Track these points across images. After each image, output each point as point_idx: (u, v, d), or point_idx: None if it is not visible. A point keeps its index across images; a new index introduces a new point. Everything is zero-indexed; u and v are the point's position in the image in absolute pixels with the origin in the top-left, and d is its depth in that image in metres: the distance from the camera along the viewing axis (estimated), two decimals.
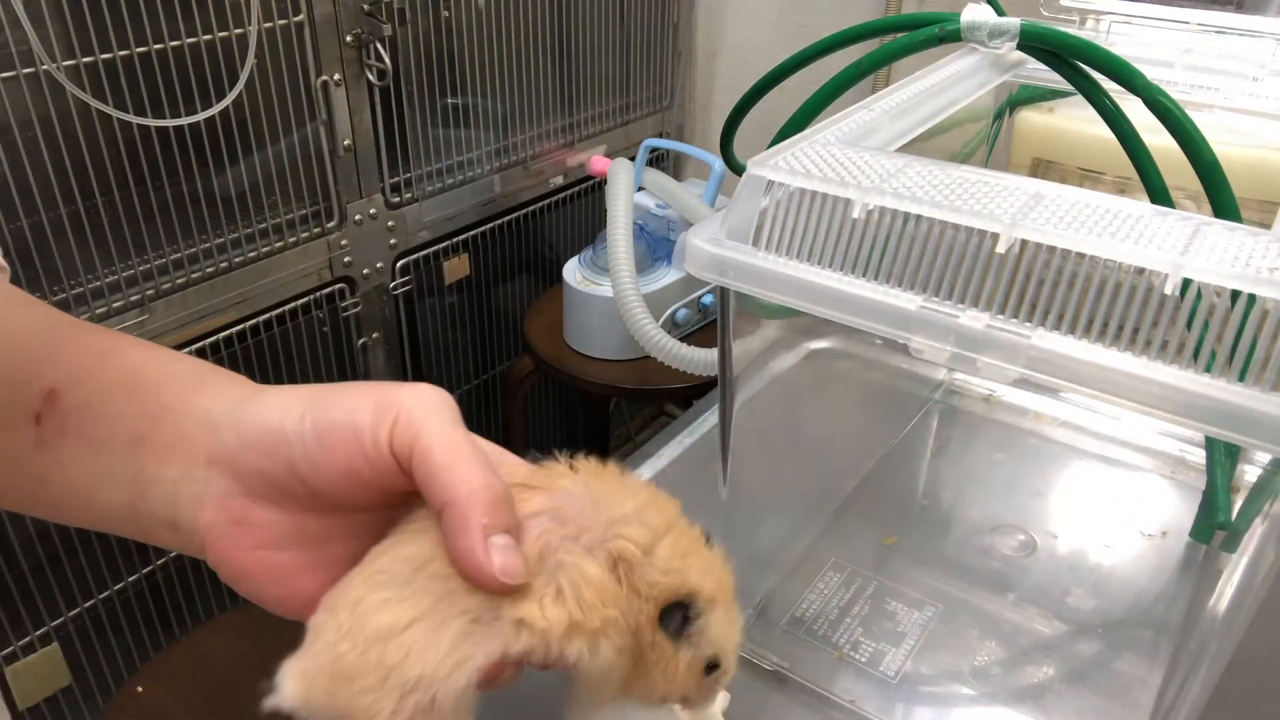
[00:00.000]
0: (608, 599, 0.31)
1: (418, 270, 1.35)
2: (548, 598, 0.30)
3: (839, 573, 0.61)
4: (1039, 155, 0.71)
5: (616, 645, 0.32)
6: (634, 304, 1.10)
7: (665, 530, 0.33)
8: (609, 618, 0.31)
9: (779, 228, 0.42)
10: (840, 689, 0.53)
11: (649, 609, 0.32)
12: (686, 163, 1.72)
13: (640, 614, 0.32)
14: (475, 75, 1.32)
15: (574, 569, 0.31)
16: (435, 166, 1.32)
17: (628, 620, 0.32)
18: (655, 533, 0.33)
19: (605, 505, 0.32)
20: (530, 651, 0.30)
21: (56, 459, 0.31)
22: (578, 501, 0.32)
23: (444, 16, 1.24)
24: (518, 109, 1.41)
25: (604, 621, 0.31)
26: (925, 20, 0.60)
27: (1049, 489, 0.70)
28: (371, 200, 1.24)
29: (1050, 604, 0.59)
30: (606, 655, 0.31)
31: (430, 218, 1.34)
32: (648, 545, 0.32)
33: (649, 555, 0.32)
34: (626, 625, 0.32)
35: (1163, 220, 0.38)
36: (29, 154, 0.90)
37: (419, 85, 1.25)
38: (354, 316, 1.26)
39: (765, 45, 1.61)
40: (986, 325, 0.37)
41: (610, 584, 0.31)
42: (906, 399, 0.78)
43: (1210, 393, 0.33)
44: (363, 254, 1.25)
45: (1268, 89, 0.61)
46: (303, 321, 1.20)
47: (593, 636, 0.31)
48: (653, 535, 0.32)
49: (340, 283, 1.24)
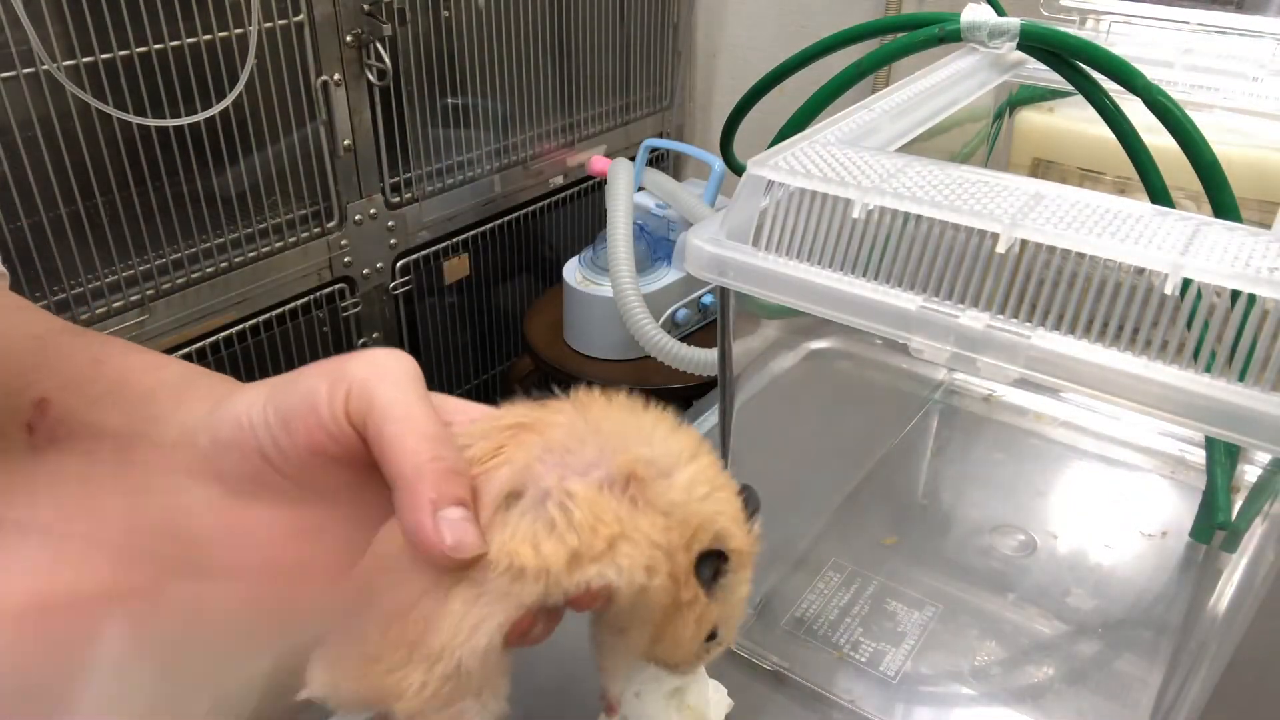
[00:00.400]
0: (607, 517, 0.29)
1: (418, 270, 1.35)
2: (541, 535, 0.29)
3: (839, 573, 0.61)
4: (1039, 155, 0.71)
5: (642, 562, 0.29)
6: (634, 304, 1.10)
7: (689, 457, 0.31)
8: (614, 535, 0.29)
9: (779, 228, 0.42)
10: (840, 689, 0.53)
11: (682, 533, 0.30)
12: (686, 163, 1.72)
13: (671, 534, 0.30)
14: (475, 75, 1.32)
15: (560, 493, 0.29)
16: (435, 166, 1.32)
17: (652, 538, 0.30)
18: (674, 456, 0.31)
19: (609, 433, 0.30)
20: (546, 595, 0.29)
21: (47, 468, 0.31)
22: (576, 432, 0.30)
23: (444, 16, 1.24)
24: (518, 109, 1.41)
25: (610, 540, 0.29)
26: (925, 20, 0.60)
27: (1049, 489, 0.70)
28: (371, 200, 1.24)
29: (1050, 604, 0.59)
30: (633, 576, 0.29)
31: (430, 218, 1.34)
32: (665, 467, 0.30)
33: (667, 477, 0.30)
34: (651, 542, 0.30)
35: (1163, 220, 0.38)
36: (29, 154, 0.90)
37: (419, 85, 1.25)
38: (354, 316, 1.26)
39: (765, 45, 1.61)
40: (986, 325, 0.37)
41: (609, 501, 0.29)
42: (906, 399, 0.78)
43: (1210, 393, 0.33)
44: (363, 254, 1.25)
45: (1268, 89, 0.61)
46: (303, 322, 1.21)
47: (602, 559, 0.29)
48: (671, 458, 0.31)
49: (340, 283, 1.24)
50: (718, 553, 0.32)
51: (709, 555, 0.31)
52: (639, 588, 0.30)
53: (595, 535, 0.29)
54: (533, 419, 0.31)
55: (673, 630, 0.32)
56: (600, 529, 0.29)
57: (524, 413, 0.31)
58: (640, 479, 0.30)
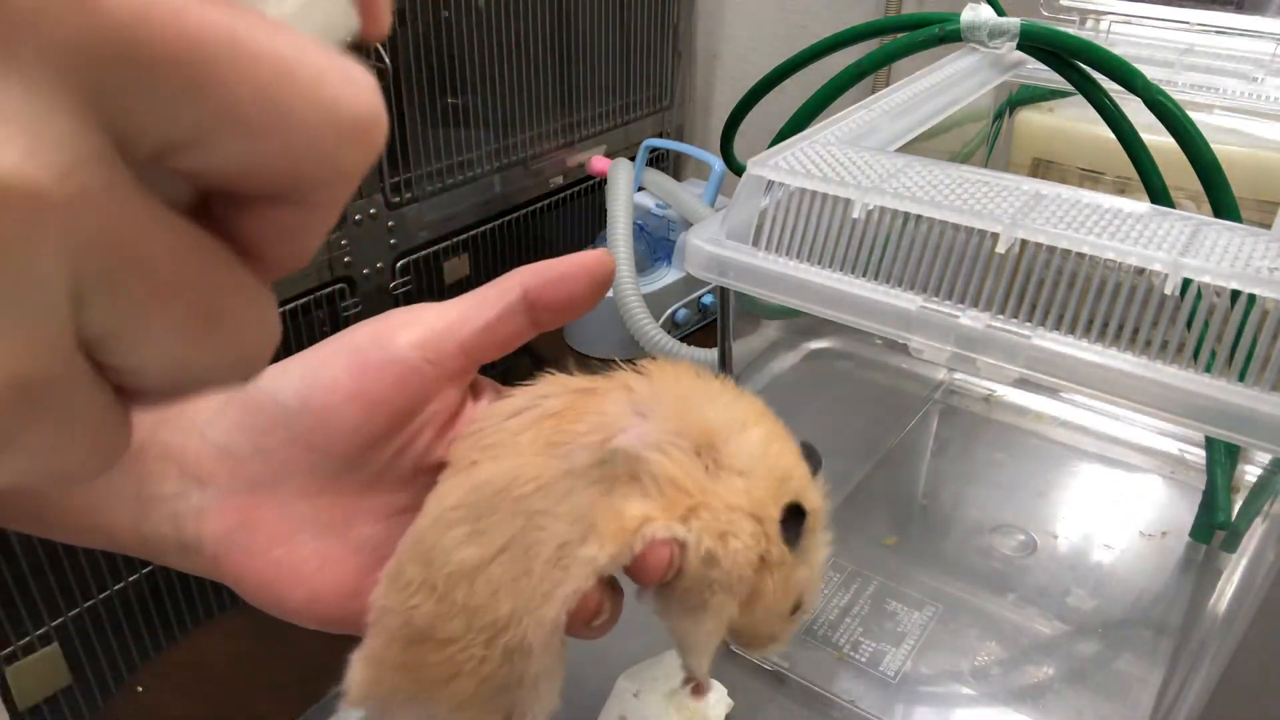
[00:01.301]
0: (689, 487, 0.28)
1: (418, 270, 1.35)
2: (625, 495, 0.28)
3: (839, 573, 0.61)
4: (1039, 155, 0.71)
5: (718, 528, 0.28)
6: (634, 304, 1.10)
7: (755, 419, 0.30)
8: (694, 501, 0.28)
9: (779, 228, 0.42)
10: (840, 689, 0.53)
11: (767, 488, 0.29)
12: (686, 163, 1.72)
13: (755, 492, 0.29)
14: (475, 75, 1.32)
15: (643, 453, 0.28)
16: (435, 166, 1.32)
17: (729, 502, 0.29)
18: (742, 419, 0.30)
19: (679, 397, 0.30)
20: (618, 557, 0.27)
21: None
22: (648, 396, 0.29)
23: (444, 16, 1.24)
24: (518, 109, 1.41)
25: (689, 509, 0.28)
26: (925, 20, 0.60)
27: (1049, 489, 0.70)
28: (371, 200, 1.24)
29: (1050, 604, 0.59)
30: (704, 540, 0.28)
31: (430, 218, 1.34)
32: (736, 429, 0.30)
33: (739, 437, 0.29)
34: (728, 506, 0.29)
35: (1163, 220, 0.38)
36: None
37: (419, 85, 1.25)
38: (354, 317, 1.26)
39: (765, 45, 1.61)
40: (986, 325, 0.37)
41: (690, 471, 0.28)
42: (906, 399, 0.78)
43: (1210, 393, 0.33)
44: (362, 254, 1.25)
45: (1268, 89, 0.61)
46: (303, 322, 1.20)
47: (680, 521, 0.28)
48: (739, 421, 0.30)
49: (340, 283, 1.24)
50: (799, 509, 0.30)
51: (792, 513, 0.30)
52: (707, 555, 0.28)
53: (680, 503, 0.28)
54: (602, 384, 0.30)
55: (761, 598, 0.31)
56: (683, 498, 0.28)
57: (584, 379, 0.30)
58: (713, 445, 0.29)
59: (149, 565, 1.15)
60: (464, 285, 1.45)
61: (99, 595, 1.10)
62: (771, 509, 0.29)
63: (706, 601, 0.30)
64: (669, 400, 0.29)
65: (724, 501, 0.29)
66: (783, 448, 0.31)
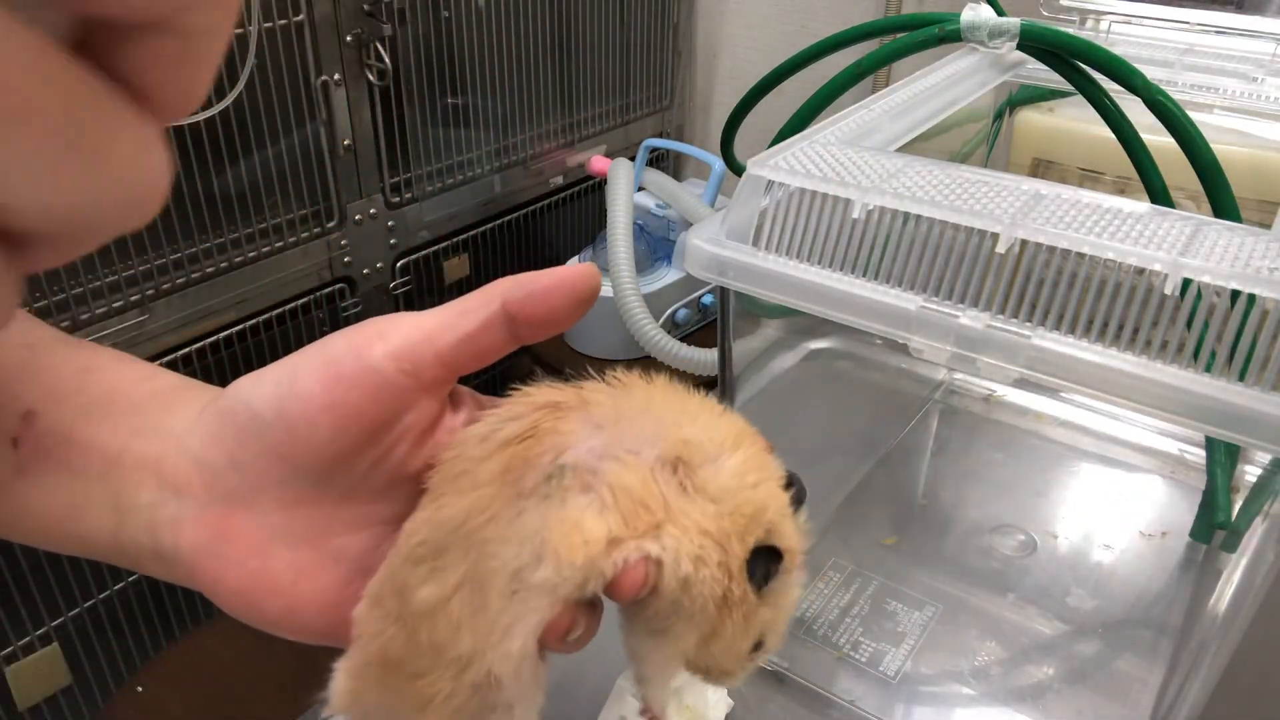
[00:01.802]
0: (654, 500, 0.27)
1: (418, 270, 1.35)
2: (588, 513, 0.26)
3: (839, 573, 0.61)
4: (1039, 155, 0.71)
5: (690, 550, 0.27)
6: (634, 304, 1.10)
7: (736, 442, 0.29)
8: (661, 519, 0.27)
9: (779, 228, 0.42)
10: (840, 689, 0.53)
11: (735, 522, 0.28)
12: (686, 163, 1.72)
13: (723, 521, 0.28)
14: (475, 75, 1.32)
15: (605, 472, 0.27)
16: (435, 166, 1.32)
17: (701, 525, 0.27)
18: (721, 440, 0.29)
19: (654, 414, 0.28)
20: (586, 582, 0.26)
21: (36, 484, 0.29)
22: (619, 412, 0.28)
23: (444, 16, 1.24)
24: (518, 109, 1.41)
25: (657, 523, 0.27)
26: (925, 20, 0.60)
27: (1049, 489, 0.70)
28: (371, 200, 1.24)
29: (1050, 604, 0.59)
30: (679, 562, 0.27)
31: (430, 218, 1.34)
32: (713, 452, 0.28)
33: (715, 462, 0.28)
34: (700, 530, 0.27)
35: (1163, 220, 0.38)
36: None
37: (419, 85, 1.25)
38: (354, 317, 1.26)
39: (765, 45, 1.61)
40: (986, 325, 0.37)
41: (652, 483, 0.27)
42: (906, 399, 0.78)
43: (1210, 393, 0.33)
44: (363, 254, 1.25)
45: (1268, 89, 0.61)
46: (303, 322, 1.20)
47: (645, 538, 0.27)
48: (719, 442, 0.28)
49: (340, 283, 1.24)
50: (771, 550, 0.29)
51: (761, 553, 0.29)
52: (684, 578, 0.27)
53: (641, 517, 0.27)
54: (568, 398, 0.29)
55: (720, 632, 0.29)
56: (645, 513, 0.27)
57: (555, 392, 0.29)
58: (688, 462, 0.28)
59: None
60: (464, 285, 1.44)
61: (99, 595, 1.10)
62: (736, 545, 0.28)
63: (669, 627, 0.29)
64: (634, 414, 0.28)
65: (695, 523, 0.27)
66: (760, 478, 0.29)
